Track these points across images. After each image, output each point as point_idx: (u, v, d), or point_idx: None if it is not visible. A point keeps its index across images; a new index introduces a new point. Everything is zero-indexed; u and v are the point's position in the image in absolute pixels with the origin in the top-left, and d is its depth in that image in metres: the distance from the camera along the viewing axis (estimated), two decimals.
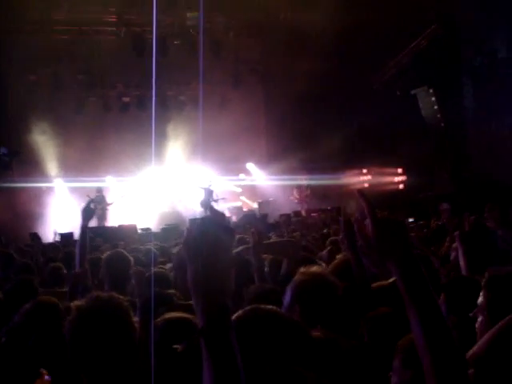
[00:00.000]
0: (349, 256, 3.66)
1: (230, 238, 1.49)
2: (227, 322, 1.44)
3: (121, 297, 2.45)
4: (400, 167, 19.97)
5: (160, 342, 2.45)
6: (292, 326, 2.00)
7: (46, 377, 2.43)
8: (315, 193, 19.74)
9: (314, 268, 3.15)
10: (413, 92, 18.31)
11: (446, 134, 17.83)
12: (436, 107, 17.75)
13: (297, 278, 2.98)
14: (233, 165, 20.65)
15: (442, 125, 17.80)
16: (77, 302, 2.41)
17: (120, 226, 16.02)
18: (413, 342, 1.70)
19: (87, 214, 4.58)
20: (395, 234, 1.71)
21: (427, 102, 18.00)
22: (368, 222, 1.74)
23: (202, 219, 1.48)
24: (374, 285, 3.54)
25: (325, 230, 9.83)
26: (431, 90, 17.71)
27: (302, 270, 3.07)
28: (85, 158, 18.53)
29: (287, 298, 2.97)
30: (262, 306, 2.03)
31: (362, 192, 1.79)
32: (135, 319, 2.37)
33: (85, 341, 2.25)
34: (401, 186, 19.97)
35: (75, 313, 2.33)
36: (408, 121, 18.29)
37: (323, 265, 4.38)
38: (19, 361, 2.64)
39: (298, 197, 20.01)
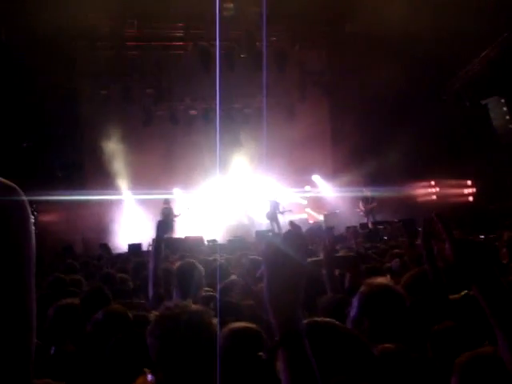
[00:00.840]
0: (427, 268, 3.60)
1: (304, 252, 1.51)
2: (302, 333, 1.47)
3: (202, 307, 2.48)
4: (469, 179, 19.49)
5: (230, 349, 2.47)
6: (351, 339, 1.97)
7: (149, 376, 2.48)
8: (381, 205, 19.46)
9: (380, 279, 3.10)
10: (483, 102, 17.86)
11: None
12: (508, 117, 17.25)
13: (363, 289, 2.93)
14: (299, 177, 20.66)
15: None
16: (155, 312, 2.45)
17: (187, 238, 16.25)
18: (471, 361, 1.65)
19: (165, 226, 4.67)
20: (476, 256, 1.69)
21: (499, 112, 17.53)
22: (447, 244, 1.73)
23: (275, 234, 1.50)
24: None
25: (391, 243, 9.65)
26: (503, 100, 17.24)
27: (368, 281, 3.01)
28: (152, 170, 18.89)
29: (354, 310, 2.93)
30: (319, 319, 2.01)
31: (439, 215, 1.79)
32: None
33: (166, 349, 2.29)
34: (470, 199, 19.48)
35: (155, 323, 2.38)
36: (478, 132, 17.84)
37: (388, 277, 4.32)
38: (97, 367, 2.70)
39: (363, 209, 19.78)
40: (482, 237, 10.76)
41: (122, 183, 19.74)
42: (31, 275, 1.24)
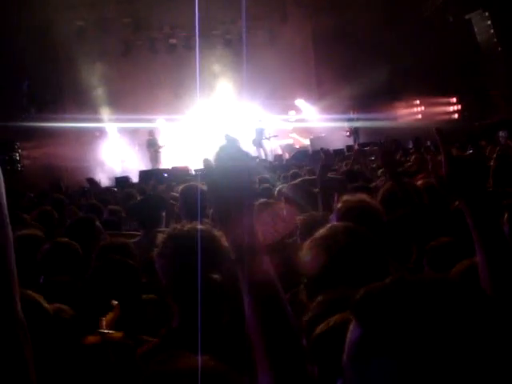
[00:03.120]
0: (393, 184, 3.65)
1: (246, 165, 1.47)
2: (257, 248, 1.44)
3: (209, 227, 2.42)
4: (454, 96, 19.42)
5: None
6: None
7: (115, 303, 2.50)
8: (367, 127, 19.42)
9: (358, 195, 3.11)
10: (467, 17, 17.58)
11: (502, 58, 17.14)
12: (492, 31, 17.03)
13: (340, 205, 2.94)
14: (283, 102, 20.45)
15: (500, 49, 17.09)
16: (161, 234, 2.42)
17: (173, 168, 16.22)
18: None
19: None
20: (469, 171, 1.73)
21: (483, 26, 17.29)
22: (442, 159, 1.76)
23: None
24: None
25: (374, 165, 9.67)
26: (487, 14, 16.97)
27: (346, 197, 3.03)
28: (134, 100, 18.63)
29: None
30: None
31: (439, 130, 1.80)
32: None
33: (180, 271, 2.26)
34: (455, 116, 19.48)
35: (165, 245, 2.34)
36: (462, 48, 17.64)
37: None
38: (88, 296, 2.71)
39: (349, 131, 19.74)
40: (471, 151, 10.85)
41: (105, 114, 19.46)
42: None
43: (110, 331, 2.20)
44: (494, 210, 1.73)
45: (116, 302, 2.65)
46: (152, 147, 19.12)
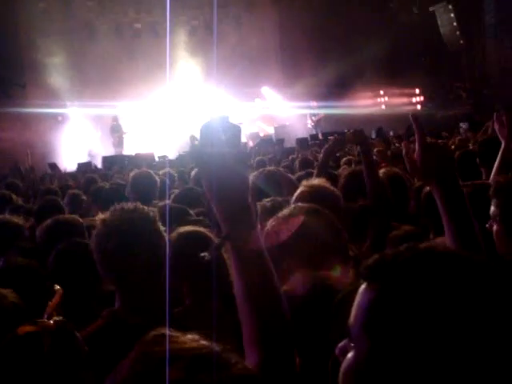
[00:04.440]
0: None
1: (236, 142, 1.49)
2: (251, 223, 1.45)
3: (146, 207, 2.44)
4: (417, 87, 19.66)
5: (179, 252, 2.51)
6: None
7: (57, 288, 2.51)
8: (330, 116, 19.53)
9: (316, 180, 3.18)
10: (431, 9, 17.78)
11: (465, 51, 17.42)
12: (455, 24, 17.27)
13: (301, 188, 3.01)
14: (248, 89, 20.42)
15: (461, 42, 17.36)
16: (101, 216, 2.41)
17: (137, 155, 16.08)
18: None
19: None
20: (441, 157, 1.88)
21: (446, 18, 17.52)
22: (416, 145, 1.89)
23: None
24: None
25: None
26: (450, 6, 17.19)
27: (305, 182, 3.09)
28: (98, 85, 18.36)
29: None
30: None
31: (415, 116, 1.95)
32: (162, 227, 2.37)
33: (115, 250, 2.27)
34: (418, 107, 19.72)
35: (101, 225, 2.34)
36: (425, 39, 17.84)
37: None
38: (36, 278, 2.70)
39: (313, 120, 19.83)
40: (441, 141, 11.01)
41: (67, 98, 19.13)
42: None
43: (46, 319, 2.17)
44: (462, 192, 1.88)
45: (58, 287, 2.65)
46: (116, 133, 18.92)
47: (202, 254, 1.56)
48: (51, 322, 1.87)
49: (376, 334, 0.99)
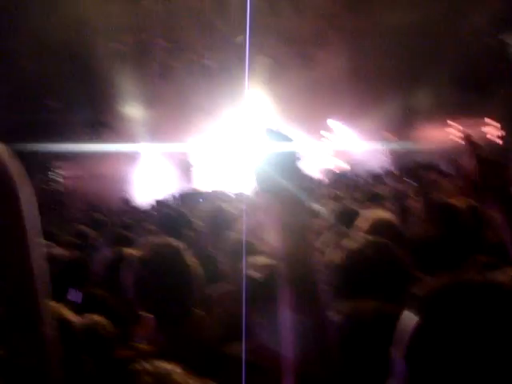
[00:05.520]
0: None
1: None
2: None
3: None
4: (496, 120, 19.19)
5: None
6: None
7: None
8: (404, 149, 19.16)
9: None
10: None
11: None
12: None
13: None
14: (317, 122, 20.36)
15: None
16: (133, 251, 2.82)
17: (213, 192, 16.13)
18: None
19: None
20: (497, 172, 1.97)
21: None
22: (474, 163, 1.99)
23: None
24: None
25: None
26: None
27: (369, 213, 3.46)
28: (169, 123, 18.75)
29: None
30: None
31: (468, 136, 2.26)
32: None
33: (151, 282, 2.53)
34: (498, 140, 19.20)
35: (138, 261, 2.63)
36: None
37: None
38: None
39: (388, 155, 19.50)
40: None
41: (140, 137, 19.57)
42: None
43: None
44: None
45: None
46: (185, 168, 19.27)
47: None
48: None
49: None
